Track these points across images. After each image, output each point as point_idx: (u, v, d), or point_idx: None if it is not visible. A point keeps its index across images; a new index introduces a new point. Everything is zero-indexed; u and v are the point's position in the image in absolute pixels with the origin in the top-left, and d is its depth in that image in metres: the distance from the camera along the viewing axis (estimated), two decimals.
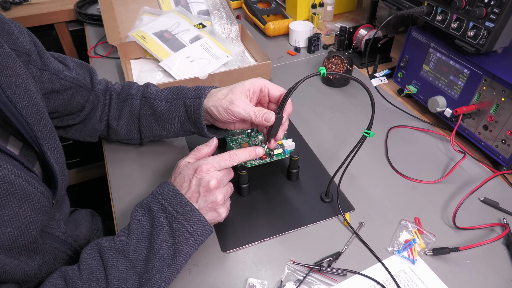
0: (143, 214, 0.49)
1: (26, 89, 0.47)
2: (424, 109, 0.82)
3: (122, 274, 0.45)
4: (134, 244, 0.46)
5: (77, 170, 1.65)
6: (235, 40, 1.10)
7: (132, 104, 0.67)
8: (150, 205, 0.49)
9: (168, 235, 0.47)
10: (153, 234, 0.47)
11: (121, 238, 0.47)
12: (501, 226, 0.58)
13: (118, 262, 0.45)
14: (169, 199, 0.49)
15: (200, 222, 0.48)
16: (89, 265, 0.46)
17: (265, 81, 0.58)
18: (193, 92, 0.62)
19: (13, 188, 0.41)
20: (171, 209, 0.48)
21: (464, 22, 0.64)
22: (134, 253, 0.46)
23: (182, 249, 0.47)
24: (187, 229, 0.47)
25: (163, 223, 0.47)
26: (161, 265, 0.46)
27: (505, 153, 0.65)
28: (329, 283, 0.51)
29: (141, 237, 0.47)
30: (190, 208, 0.48)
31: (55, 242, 0.54)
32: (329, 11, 1.24)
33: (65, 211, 0.60)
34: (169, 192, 0.49)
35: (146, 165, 0.71)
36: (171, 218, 0.47)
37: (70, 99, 0.63)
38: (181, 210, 0.48)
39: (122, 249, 0.46)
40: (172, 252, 0.46)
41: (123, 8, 1.09)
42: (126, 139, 0.71)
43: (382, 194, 0.64)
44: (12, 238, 0.41)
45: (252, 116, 0.55)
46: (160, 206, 0.48)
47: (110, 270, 0.45)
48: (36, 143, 0.48)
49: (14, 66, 0.47)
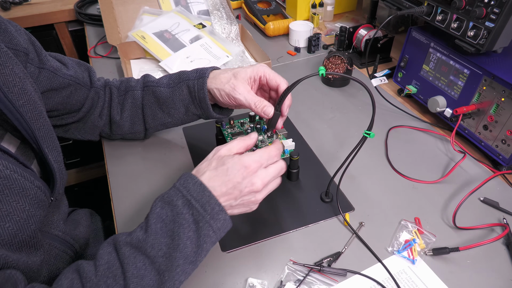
0: (163, 207, 0.45)
1: (23, 88, 0.47)
2: (424, 109, 0.82)
3: (140, 271, 0.42)
4: (152, 240, 0.44)
5: (77, 170, 1.65)
6: (235, 40, 1.10)
7: (134, 95, 0.67)
8: (173, 199, 0.45)
9: (193, 232, 0.44)
10: (176, 230, 0.44)
11: (138, 233, 0.44)
12: (501, 226, 0.58)
13: (136, 258, 0.43)
14: (196, 195, 0.45)
15: (225, 220, 0.46)
16: (105, 260, 0.43)
17: (265, 69, 0.59)
18: (195, 74, 0.63)
19: (9, 183, 0.42)
20: (199, 207, 0.44)
21: (464, 22, 0.64)
22: (152, 250, 0.43)
23: (206, 247, 0.45)
24: (212, 227, 0.45)
25: (188, 220, 0.44)
26: (184, 263, 0.44)
27: (505, 153, 0.65)
28: (329, 283, 0.51)
29: (160, 232, 0.44)
30: (219, 208, 0.45)
31: (55, 241, 0.54)
32: (329, 11, 1.24)
33: (64, 211, 0.60)
34: (196, 188, 0.45)
35: (146, 165, 0.71)
36: (198, 216, 0.44)
37: (69, 96, 0.63)
38: (209, 209, 0.45)
39: (139, 245, 0.43)
40: (195, 249, 0.44)
41: (123, 8, 1.09)
42: (130, 132, 0.71)
43: (382, 194, 0.64)
44: (12, 233, 0.41)
45: (252, 106, 0.57)
46: (186, 201, 0.45)
47: (128, 267, 0.42)
48: (33, 140, 0.48)
49: (11, 65, 0.47)
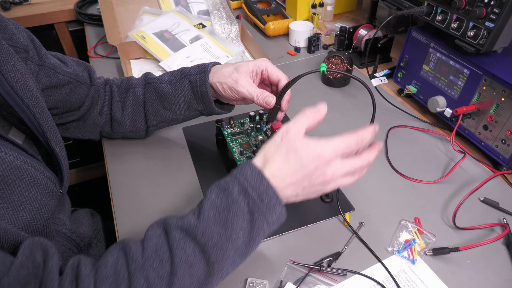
0: (218, 194, 0.42)
1: (26, 84, 0.48)
2: (424, 109, 0.82)
3: (189, 257, 0.40)
4: (203, 227, 0.40)
5: (77, 170, 1.65)
6: (235, 40, 1.10)
7: (135, 93, 0.68)
8: (229, 186, 0.42)
9: (247, 223, 0.41)
10: (230, 219, 0.41)
11: (191, 218, 0.41)
12: (501, 226, 0.58)
13: (186, 243, 0.40)
14: (253, 183, 0.41)
15: (281, 214, 0.43)
16: (153, 242, 0.41)
17: (266, 63, 0.60)
18: (196, 69, 0.63)
19: (21, 173, 0.42)
20: (255, 196, 0.41)
21: (464, 22, 0.64)
22: (202, 237, 0.40)
23: (258, 240, 0.43)
24: (267, 220, 0.42)
25: (243, 209, 0.41)
26: (235, 255, 0.41)
27: (505, 153, 0.65)
28: (329, 283, 0.51)
29: (213, 219, 0.41)
30: (276, 199, 0.42)
31: (62, 239, 0.55)
32: (329, 11, 1.24)
33: (68, 209, 0.60)
34: (254, 176, 0.42)
35: (146, 165, 0.71)
36: (253, 206, 0.41)
37: (69, 94, 0.63)
38: (266, 200, 0.41)
39: (190, 230, 0.40)
40: (247, 241, 0.42)
41: (123, 8, 1.09)
42: (131, 130, 0.71)
43: (382, 194, 0.64)
44: (26, 223, 0.42)
45: (255, 97, 0.58)
46: (242, 189, 0.41)
47: (177, 252, 0.39)
48: (41, 133, 0.48)
49: (13, 61, 0.47)
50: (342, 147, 0.43)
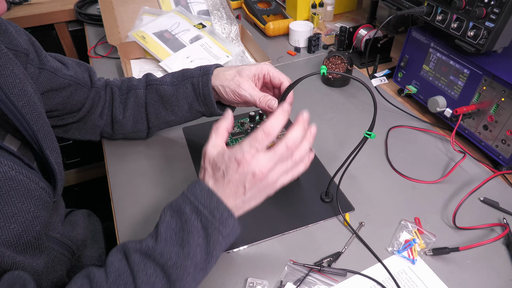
0: (172, 216, 0.45)
1: (23, 89, 0.47)
2: (424, 109, 0.82)
3: (151, 278, 0.41)
4: (161, 248, 0.43)
5: (77, 170, 1.65)
6: (235, 40, 1.10)
7: (136, 94, 0.67)
8: (181, 206, 0.44)
9: (203, 239, 0.43)
10: (186, 238, 0.43)
11: (149, 242, 0.44)
12: (501, 226, 0.58)
13: (146, 265, 0.42)
14: (204, 201, 0.44)
15: (234, 226, 0.45)
16: (116, 267, 0.42)
17: (268, 67, 0.60)
18: (199, 71, 0.63)
19: (15, 184, 0.42)
20: (207, 213, 0.43)
21: (464, 22, 0.64)
22: (161, 257, 0.42)
23: (215, 253, 0.44)
24: (222, 233, 0.44)
25: (197, 226, 0.43)
26: (195, 271, 0.43)
27: (505, 153, 0.65)
28: (329, 283, 0.51)
29: (170, 241, 0.43)
30: (228, 213, 0.44)
31: (53, 244, 0.54)
32: (329, 11, 1.24)
33: (61, 213, 0.60)
34: (203, 194, 0.44)
35: (146, 165, 0.71)
36: (206, 222, 0.43)
37: (69, 97, 0.63)
38: (218, 215, 0.43)
39: (149, 252, 0.42)
40: (205, 256, 0.44)
41: (123, 8, 1.09)
42: (132, 131, 0.71)
43: (382, 194, 0.64)
44: (17, 234, 0.41)
45: (257, 101, 0.58)
46: (193, 208, 0.44)
47: (139, 274, 0.41)
48: (35, 141, 0.48)
49: (11, 66, 0.47)
50: (252, 141, 0.43)
